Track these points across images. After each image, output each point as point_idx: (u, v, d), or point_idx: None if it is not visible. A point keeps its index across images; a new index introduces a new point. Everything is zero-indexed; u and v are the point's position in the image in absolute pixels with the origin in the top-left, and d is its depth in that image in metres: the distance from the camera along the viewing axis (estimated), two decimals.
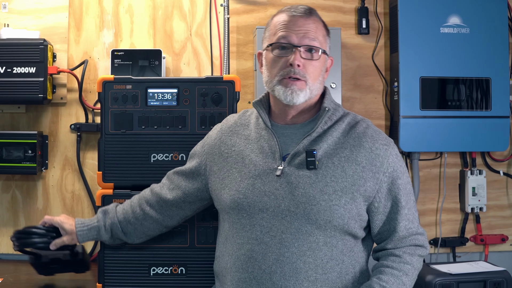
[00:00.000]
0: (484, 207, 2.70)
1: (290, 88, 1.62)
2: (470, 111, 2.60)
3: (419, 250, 1.67)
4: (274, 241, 1.58)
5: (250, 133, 1.74)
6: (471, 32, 2.59)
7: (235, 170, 1.69)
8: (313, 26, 1.65)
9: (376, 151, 1.63)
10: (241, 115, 1.82)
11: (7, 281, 2.22)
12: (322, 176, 1.59)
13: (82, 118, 2.62)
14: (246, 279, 1.60)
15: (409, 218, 1.66)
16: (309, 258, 1.57)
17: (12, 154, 2.46)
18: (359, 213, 1.61)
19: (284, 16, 1.66)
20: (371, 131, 1.67)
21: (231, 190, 1.68)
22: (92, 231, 1.91)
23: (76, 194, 2.63)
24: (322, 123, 1.65)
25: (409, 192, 1.67)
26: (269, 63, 1.68)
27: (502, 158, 2.76)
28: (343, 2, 2.72)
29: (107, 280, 2.05)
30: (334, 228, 1.58)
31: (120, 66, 2.44)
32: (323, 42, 1.67)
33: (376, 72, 2.73)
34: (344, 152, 1.62)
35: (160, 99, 2.11)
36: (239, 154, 1.71)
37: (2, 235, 2.62)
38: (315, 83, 1.65)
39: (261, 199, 1.62)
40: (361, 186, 1.60)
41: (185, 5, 2.67)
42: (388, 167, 1.63)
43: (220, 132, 1.81)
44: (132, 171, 2.10)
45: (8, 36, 2.48)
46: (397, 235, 1.64)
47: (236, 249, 1.64)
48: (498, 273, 2.31)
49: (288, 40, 1.63)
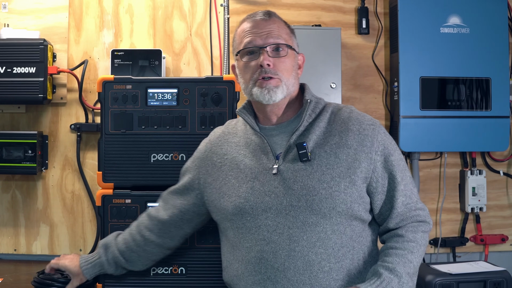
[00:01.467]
0: (484, 207, 2.70)
1: (266, 88, 1.65)
2: (470, 111, 2.60)
3: (422, 226, 1.67)
4: (282, 238, 1.60)
5: (240, 140, 1.77)
6: (471, 32, 2.59)
7: (232, 177, 1.71)
8: (274, 26, 1.71)
9: (364, 132, 1.66)
10: (227, 125, 1.86)
11: (7, 281, 2.22)
12: (317, 166, 1.62)
13: (82, 118, 2.62)
14: (260, 281, 1.61)
15: (406, 194, 1.67)
16: (320, 248, 1.58)
17: (12, 154, 2.47)
18: (361, 196, 1.63)
19: (246, 24, 1.73)
20: (355, 114, 1.71)
21: (231, 197, 1.69)
22: (96, 267, 1.94)
23: (76, 194, 2.63)
24: (307, 116, 1.68)
25: (404, 168, 1.69)
26: (241, 70, 1.72)
27: (502, 158, 2.76)
28: (343, 2, 2.72)
29: (107, 280, 2.05)
30: (339, 214, 1.60)
31: (120, 66, 2.44)
32: (288, 39, 1.72)
33: (376, 72, 2.73)
34: (333, 139, 1.65)
35: (160, 99, 2.12)
36: (232, 161, 1.73)
37: (2, 235, 2.62)
38: (289, 78, 1.69)
39: (262, 200, 1.63)
40: (356, 168, 1.62)
41: (185, 5, 2.67)
42: (379, 146, 1.66)
43: (209, 144, 1.83)
44: (132, 171, 2.10)
45: (8, 36, 2.48)
46: (395, 212, 1.66)
47: (245, 253, 1.65)
48: (498, 273, 2.31)
49: (253, 44, 1.68)
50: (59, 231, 2.62)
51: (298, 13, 2.70)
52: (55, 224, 2.62)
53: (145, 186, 2.11)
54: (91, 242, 2.61)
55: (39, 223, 2.62)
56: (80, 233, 2.62)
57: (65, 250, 2.61)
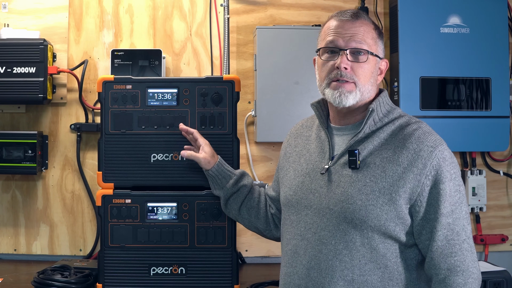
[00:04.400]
0: (484, 207, 2.70)
1: (338, 91, 1.62)
2: (470, 111, 2.60)
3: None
4: (314, 237, 1.62)
5: (311, 134, 1.79)
6: (471, 32, 2.59)
7: (292, 168, 1.77)
8: (360, 29, 1.65)
9: (420, 153, 1.57)
10: (309, 118, 1.87)
11: (7, 281, 2.22)
12: (362, 176, 1.60)
13: (82, 118, 2.62)
14: (291, 274, 1.65)
15: (453, 229, 1.56)
16: (345, 257, 1.57)
17: (12, 154, 2.47)
18: (400, 216, 1.56)
19: (332, 21, 1.68)
20: (420, 133, 1.62)
21: (285, 187, 1.76)
22: (225, 173, 1.98)
23: (76, 194, 2.63)
24: (367, 125, 1.64)
25: (456, 201, 1.57)
26: (319, 67, 1.70)
27: (502, 158, 2.76)
28: (343, 2, 2.72)
29: (107, 280, 2.05)
30: (370, 228, 1.56)
31: (120, 66, 2.44)
32: (372, 45, 1.66)
33: None
34: (387, 153, 1.60)
35: (160, 99, 2.11)
36: (298, 153, 1.78)
37: (2, 235, 2.62)
38: (366, 85, 1.64)
39: (307, 196, 1.67)
40: (400, 187, 1.56)
41: (185, 5, 2.67)
42: (431, 170, 1.56)
43: (288, 136, 1.89)
44: (132, 171, 2.10)
45: (8, 36, 2.48)
46: (435, 245, 1.56)
47: (285, 244, 1.72)
48: (498, 273, 2.31)
49: (335, 44, 1.64)
50: (59, 231, 2.62)
51: (298, 13, 2.70)
52: (55, 224, 2.62)
53: (145, 186, 2.11)
54: (91, 242, 2.61)
55: (39, 223, 2.62)
56: (80, 233, 2.62)
57: (65, 250, 2.61)
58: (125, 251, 2.07)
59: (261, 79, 2.55)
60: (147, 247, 2.07)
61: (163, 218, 2.09)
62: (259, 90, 2.54)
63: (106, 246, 2.07)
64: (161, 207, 2.09)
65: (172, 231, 2.05)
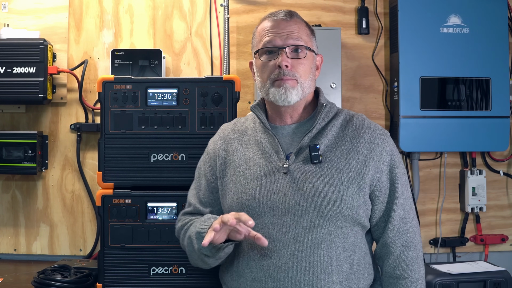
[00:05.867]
0: (484, 207, 2.70)
1: (283, 87, 1.66)
2: (470, 111, 2.60)
3: (415, 258, 1.68)
4: (287, 237, 1.60)
5: (250, 138, 1.77)
6: (471, 32, 2.59)
7: (239, 173, 1.71)
8: (295, 27, 1.71)
9: (375, 141, 1.68)
10: (235, 123, 1.85)
11: (7, 281, 2.22)
12: (327, 169, 1.63)
13: (82, 118, 2.62)
14: (261, 278, 1.61)
15: (405, 208, 1.69)
16: (324, 250, 1.59)
17: (12, 154, 2.47)
18: (366, 202, 1.66)
19: (266, 22, 1.73)
20: (368, 123, 1.73)
21: (236, 194, 1.69)
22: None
23: (76, 194, 2.63)
24: (320, 119, 1.69)
25: (406, 182, 1.72)
26: (259, 69, 1.73)
27: (502, 158, 2.76)
28: (343, 2, 2.72)
29: (107, 280, 2.05)
30: (344, 218, 1.61)
31: (120, 66, 2.44)
32: (308, 41, 1.72)
33: (376, 72, 2.73)
34: (345, 144, 1.67)
35: (160, 99, 2.12)
36: (241, 158, 1.73)
37: (2, 235, 2.62)
38: (306, 80, 1.70)
39: (269, 198, 1.64)
40: (365, 175, 1.64)
41: (185, 5, 2.67)
42: (386, 156, 1.68)
43: (219, 141, 1.81)
44: (132, 171, 2.11)
45: (8, 36, 2.48)
46: (392, 224, 1.67)
47: (247, 249, 1.65)
48: (498, 273, 2.31)
49: (273, 44, 1.69)
50: (59, 231, 2.62)
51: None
52: (55, 224, 2.62)
53: (145, 186, 2.11)
54: (91, 242, 2.61)
55: (39, 223, 2.62)
56: (80, 233, 2.62)
57: (65, 250, 2.61)
58: (125, 251, 2.07)
59: None
60: (147, 247, 2.07)
61: (163, 218, 2.09)
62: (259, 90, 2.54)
63: (106, 246, 2.07)
64: (161, 207, 2.10)
65: (172, 231, 2.05)
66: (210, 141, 1.86)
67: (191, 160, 2.08)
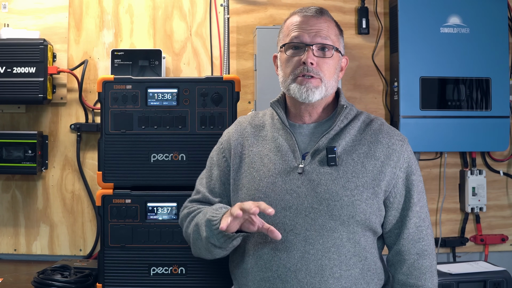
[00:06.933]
0: (484, 207, 2.70)
1: (305, 86, 1.63)
2: (470, 111, 2.60)
3: (428, 268, 1.66)
4: (298, 238, 1.58)
5: (267, 133, 1.73)
6: (471, 32, 2.59)
7: (253, 170, 1.68)
8: (324, 25, 1.68)
9: (393, 147, 1.65)
10: (253, 117, 1.81)
11: (7, 281, 2.22)
12: (343, 172, 1.61)
13: (82, 118, 2.62)
14: (270, 278, 1.59)
15: (420, 216, 1.66)
16: (334, 254, 1.58)
17: (12, 154, 2.47)
18: (379, 208, 1.63)
19: (296, 17, 1.70)
20: (386, 128, 1.70)
21: (249, 190, 1.66)
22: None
23: (76, 194, 2.63)
24: (339, 121, 1.66)
25: (422, 190, 1.69)
26: (283, 63, 1.69)
27: (502, 158, 2.76)
28: (343, 2, 2.72)
29: (107, 280, 2.05)
30: (357, 223, 1.59)
31: (120, 66, 2.44)
32: (336, 41, 1.69)
33: (376, 72, 2.73)
34: (362, 148, 1.64)
35: (160, 99, 2.12)
36: (257, 154, 1.70)
37: (2, 235, 2.62)
38: (330, 80, 1.66)
39: (283, 197, 1.61)
40: (381, 180, 1.62)
41: (185, 5, 2.67)
42: (404, 163, 1.65)
43: (235, 133, 1.77)
44: (132, 171, 2.11)
45: (8, 36, 2.48)
46: (407, 232, 1.65)
47: (258, 248, 1.62)
48: (498, 273, 2.32)
49: (300, 40, 1.65)
50: (59, 231, 2.62)
51: None
52: (55, 224, 2.62)
53: (145, 186, 2.11)
54: (91, 242, 2.61)
55: (39, 223, 2.62)
56: (80, 233, 2.62)
57: (65, 250, 2.61)
58: (125, 251, 2.07)
59: (261, 79, 2.55)
60: (147, 247, 2.07)
61: (163, 218, 2.09)
62: (259, 90, 2.54)
63: (106, 246, 2.07)
64: (161, 207, 2.10)
65: (172, 231, 2.05)
66: (225, 132, 1.82)
67: (191, 160, 2.08)
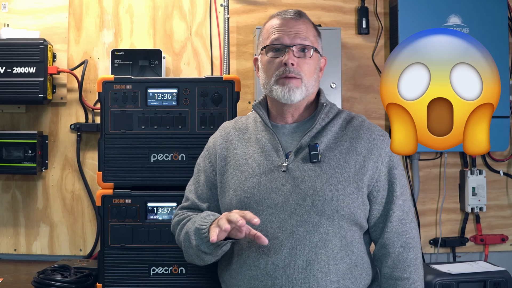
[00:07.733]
0: (484, 207, 2.70)
1: (287, 86, 1.67)
2: None
3: (414, 260, 1.69)
4: (285, 235, 1.61)
5: (250, 136, 1.77)
6: (471, 32, 2.59)
7: (239, 171, 1.71)
8: (303, 27, 1.73)
9: (374, 142, 1.70)
10: (237, 121, 1.86)
11: (7, 281, 2.22)
12: (326, 168, 1.65)
13: (82, 118, 2.62)
14: (259, 276, 1.62)
15: (403, 209, 1.70)
16: (321, 249, 1.60)
17: (12, 154, 2.47)
18: (364, 202, 1.67)
19: (275, 20, 1.75)
20: (367, 124, 1.75)
21: (236, 191, 1.69)
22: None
23: (76, 194, 2.63)
24: (320, 119, 1.71)
25: (404, 184, 1.73)
26: (264, 65, 1.74)
27: (502, 158, 2.76)
28: (343, 2, 2.72)
29: (107, 280, 2.05)
30: (341, 217, 1.62)
31: (120, 66, 2.44)
32: (314, 42, 1.75)
33: (376, 72, 2.73)
34: (344, 144, 1.69)
35: (160, 99, 2.12)
36: (241, 156, 1.74)
37: (2, 235, 2.62)
38: (310, 80, 1.71)
39: (268, 196, 1.65)
40: (364, 175, 1.66)
41: (185, 5, 2.67)
42: (385, 157, 1.70)
43: (219, 138, 1.82)
44: (132, 171, 2.11)
45: (8, 36, 2.48)
46: (390, 225, 1.68)
47: (245, 247, 1.66)
48: (498, 273, 2.31)
49: (280, 41, 1.70)
50: (59, 231, 2.62)
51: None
52: (55, 224, 2.62)
53: (145, 186, 2.12)
54: (91, 242, 2.61)
55: (39, 223, 2.62)
56: (80, 233, 2.62)
57: (65, 250, 2.61)
58: (125, 251, 2.07)
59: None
60: (147, 247, 2.07)
61: (163, 218, 2.09)
62: (259, 90, 2.54)
63: (106, 246, 2.07)
64: (161, 207, 2.10)
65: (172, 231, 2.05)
66: (211, 138, 1.87)
67: (191, 160, 2.08)
